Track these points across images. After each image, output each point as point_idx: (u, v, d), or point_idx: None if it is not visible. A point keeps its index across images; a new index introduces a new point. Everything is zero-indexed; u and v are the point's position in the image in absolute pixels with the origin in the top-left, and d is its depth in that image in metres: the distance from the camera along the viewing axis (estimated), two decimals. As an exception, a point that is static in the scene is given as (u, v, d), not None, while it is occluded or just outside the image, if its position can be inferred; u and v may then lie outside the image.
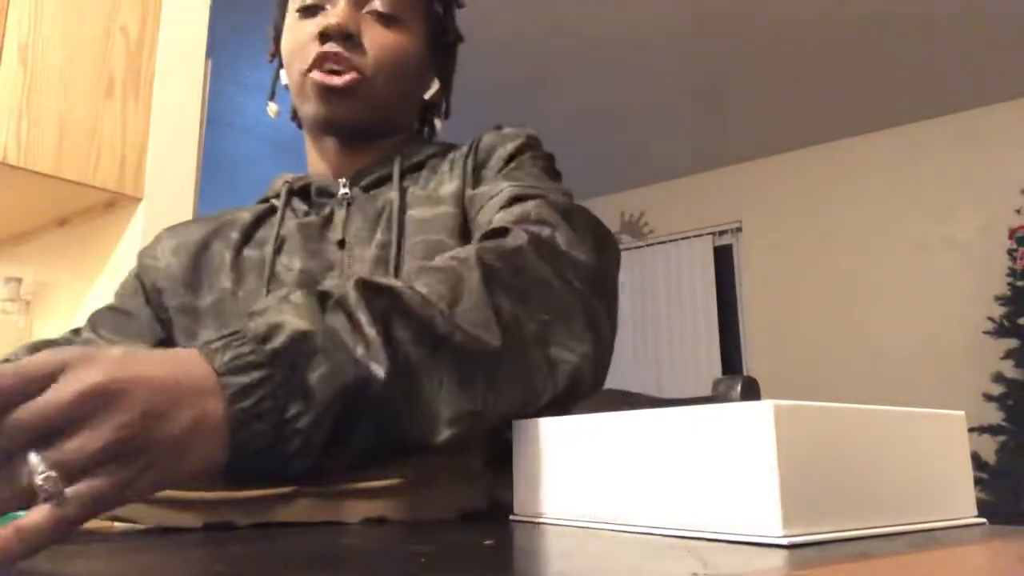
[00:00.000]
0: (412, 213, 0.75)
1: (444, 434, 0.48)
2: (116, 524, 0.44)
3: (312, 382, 0.41)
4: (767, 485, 0.33)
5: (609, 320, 0.61)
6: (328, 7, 0.78)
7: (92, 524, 0.44)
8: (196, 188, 1.71)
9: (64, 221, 1.76)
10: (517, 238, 0.58)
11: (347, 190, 0.79)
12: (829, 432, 0.36)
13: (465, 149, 0.80)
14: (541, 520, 0.45)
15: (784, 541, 0.32)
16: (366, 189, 0.79)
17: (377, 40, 0.77)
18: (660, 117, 4.18)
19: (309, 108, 0.78)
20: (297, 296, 0.45)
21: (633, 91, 3.89)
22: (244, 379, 0.39)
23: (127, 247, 1.62)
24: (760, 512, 0.33)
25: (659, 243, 5.08)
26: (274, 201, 0.83)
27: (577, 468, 0.43)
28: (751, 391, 0.85)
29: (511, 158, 0.76)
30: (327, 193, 0.80)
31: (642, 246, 5.13)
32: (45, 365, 0.32)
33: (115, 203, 1.64)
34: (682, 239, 4.97)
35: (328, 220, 0.78)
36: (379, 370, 0.44)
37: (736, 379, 0.86)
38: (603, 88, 3.86)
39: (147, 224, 1.59)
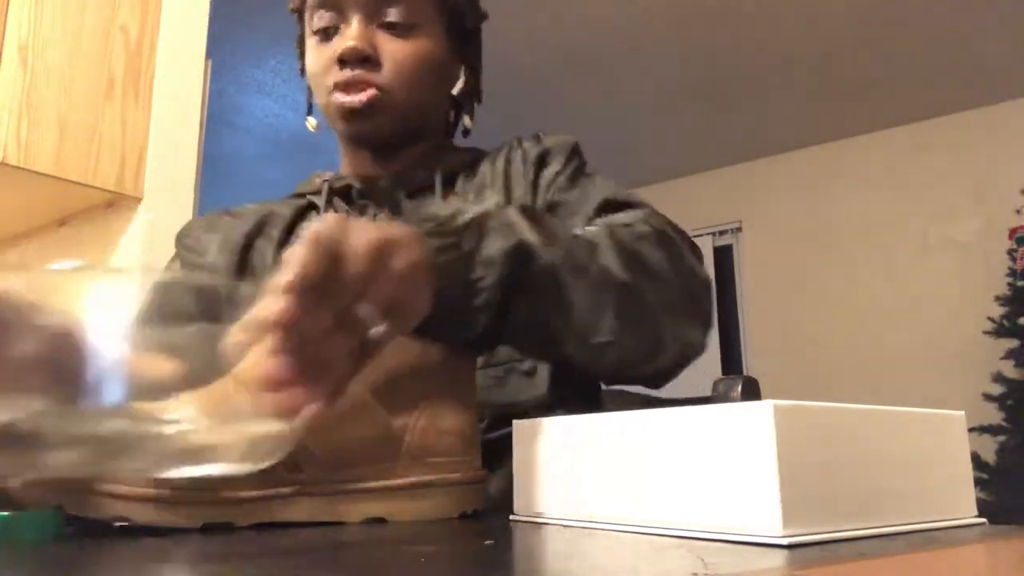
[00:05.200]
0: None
1: (575, 351, 0.55)
2: (116, 524, 0.44)
3: (492, 253, 0.50)
4: (767, 485, 0.33)
5: (712, 325, 0.66)
6: (343, 27, 0.77)
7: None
8: (196, 188, 1.71)
9: (64, 221, 1.76)
10: (642, 228, 0.63)
11: (390, 193, 0.80)
12: (829, 432, 0.36)
13: (502, 160, 0.81)
14: (541, 520, 0.45)
15: (784, 541, 0.32)
16: (408, 196, 0.80)
17: (394, 53, 0.77)
18: (660, 117, 4.18)
19: (337, 127, 0.80)
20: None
21: (632, 90, 3.89)
22: (441, 241, 0.47)
23: (127, 247, 1.62)
24: (760, 512, 0.33)
25: (659, 243, 5.08)
26: (312, 198, 0.84)
27: (577, 468, 0.43)
28: (751, 391, 0.85)
29: (568, 165, 0.79)
30: (368, 195, 0.81)
31: (642, 246, 5.12)
32: (336, 233, 0.39)
33: (115, 203, 1.64)
34: (682, 239, 4.97)
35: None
36: (541, 252, 0.52)
37: (736, 379, 0.86)
38: (602, 87, 3.86)
39: (147, 224, 1.59)
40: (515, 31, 3.35)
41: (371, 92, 0.75)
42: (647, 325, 0.58)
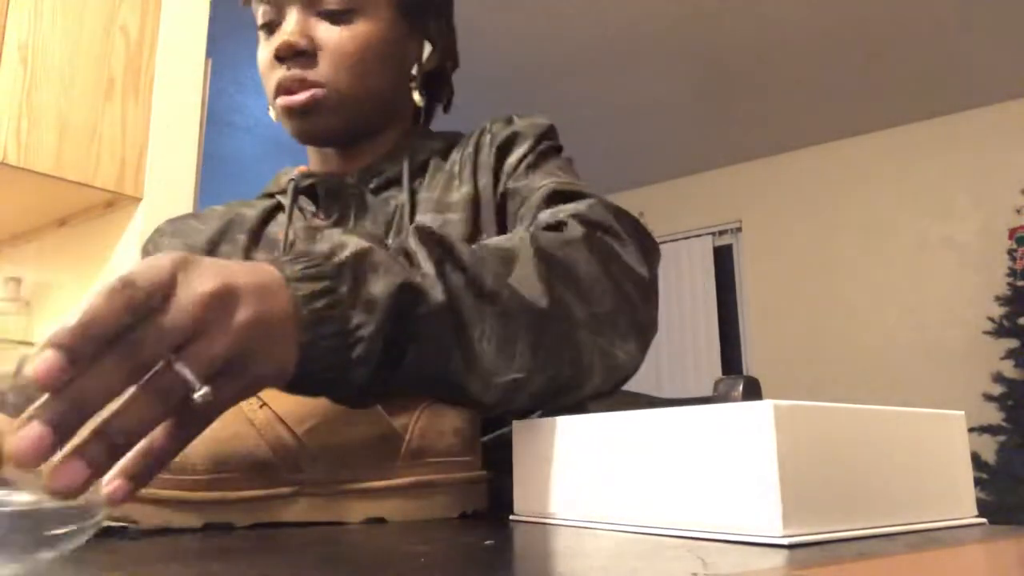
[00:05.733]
0: (421, 220, 0.73)
1: (481, 393, 0.48)
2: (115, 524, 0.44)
3: (374, 293, 0.42)
4: (767, 485, 0.33)
5: (651, 330, 0.61)
6: (284, 20, 0.74)
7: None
8: (196, 188, 1.71)
9: (64, 221, 1.76)
10: (574, 231, 0.58)
11: (357, 190, 0.77)
12: (829, 432, 0.36)
13: (472, 147, 0.77)
14: (541, 520, 0.45)
15: (784, 541, 0.32)
16: (375, 191, 0.77)
17: (332, 44, 0.73)
18: (660, 117, 4.18)
19: (288, 129, 0.77)
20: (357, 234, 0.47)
21: (633, 91, 3.89)
22: (312, 286, 0.40)
23: (127, 247, 1.62)
24: (760, 512, 0.33)
25: (659, 243, 5.08)
26: (280, 198, 0.82)
27: (577, 468, 0.43)
28: (752, 391, 0.84)
29: (533, 151, 0.75)
30: (334, 193, 0.78)
31: (642, 246, 5.12)
32: (159, 276, 0.33)
33: (115, 203, 1.64)
34: (682, 239, 4.98)
35: (338, 224, 0.76)
36: (434, 293, 0.45)
37: (737, 379, 0.86)
38: (603, 88, 3.86)
39: (147, 224, 1.59)
40: (516, 31, 3.35)
41: (311, 91, 0.72)
42: (568, 352, 0.52)
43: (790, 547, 0.32)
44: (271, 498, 0.46)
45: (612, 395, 0.59)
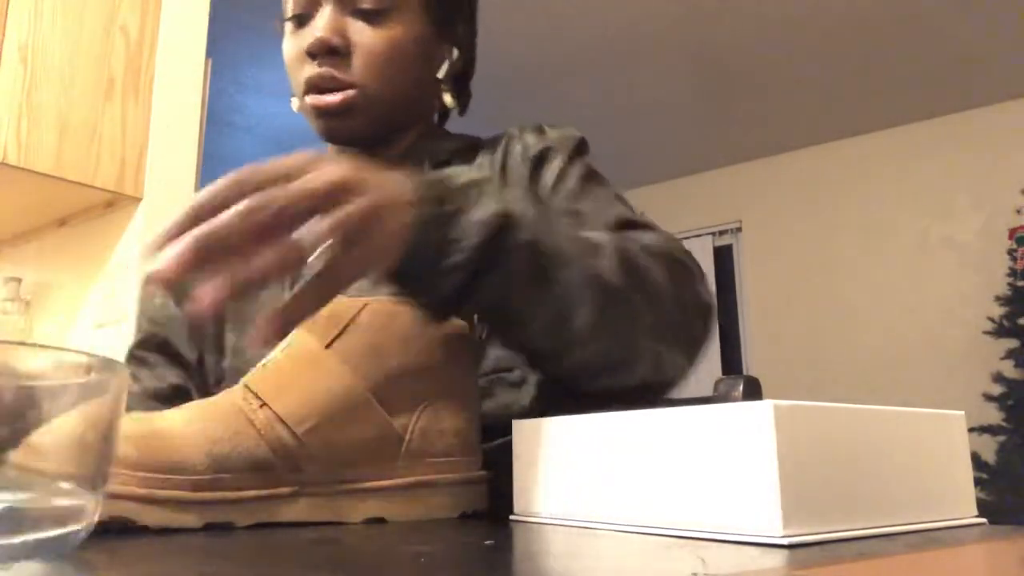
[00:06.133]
0: None
1: (536, 339, 0.53)
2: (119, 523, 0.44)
3: (481, 215, 0.48)
4: (767, 485, 0.33)
5: (701, 350, 0.64)
6: (316, 14, 0.74)
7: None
8: (196, 188, 1.71)
9: (64, 221, 1.76)
10: (657, 247, 0.61)
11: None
12: (829, 432, 0.36)
13: (500, 154, 0.77)
14: (541, 520, 0.45)
15: (784, 541, 0.32)
16: None
17: (367, 44, 0.73)
18: (660, 117, 4.18)
19: (314, 127, 0.76)
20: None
21: (633, 91, 3.89)
22: (433, 192, 0.47)
23: (127, 247, 1.62)
24: (760, 512, 0.33)
25: (659, 243, 5.08)
26: None
27: (577, 468, 0.43)
28: (753, 391, 0.84)
29: (571, 164, 0.75)
30: None
31: (642, 246, 5.12)
32: (298, 160, 0.42)
33: (115, 203, 1.64)
34: (682, 239, 4.96)
35: None
36: (525, 233, 0.50)
37: (738, 379, 0.86)
38: (603, 88, 3.86)
39: (147, 224, 1.59)
40: (516, 31, 3.35)
41: (345, 93, 0.72)
42: (624, 335, 0.56)
43: (790, 547, 0.32)
44: (271, 498, 0.46)
45: (659, 396, 0.63)
